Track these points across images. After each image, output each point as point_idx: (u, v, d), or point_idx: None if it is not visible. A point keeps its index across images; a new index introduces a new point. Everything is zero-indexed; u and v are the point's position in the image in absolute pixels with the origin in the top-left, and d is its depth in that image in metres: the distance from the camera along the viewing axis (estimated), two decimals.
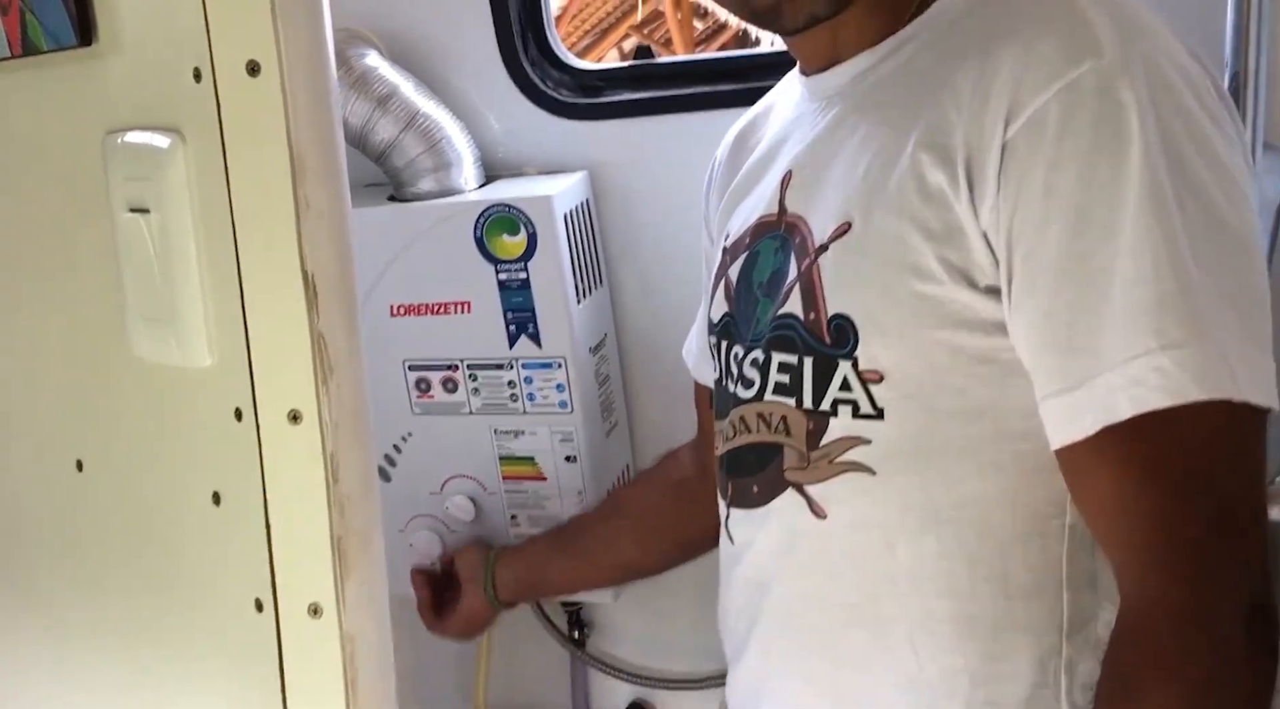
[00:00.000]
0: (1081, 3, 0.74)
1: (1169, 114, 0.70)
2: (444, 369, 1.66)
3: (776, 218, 0.91)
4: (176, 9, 0.67)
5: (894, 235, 0.78)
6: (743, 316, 0.93)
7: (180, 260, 0.70)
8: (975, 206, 0.74)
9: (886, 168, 0.79)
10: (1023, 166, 0.71)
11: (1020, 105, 0.72)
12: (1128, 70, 0.70)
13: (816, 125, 0.90)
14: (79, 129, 0.74)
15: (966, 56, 0.77)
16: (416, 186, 1.64)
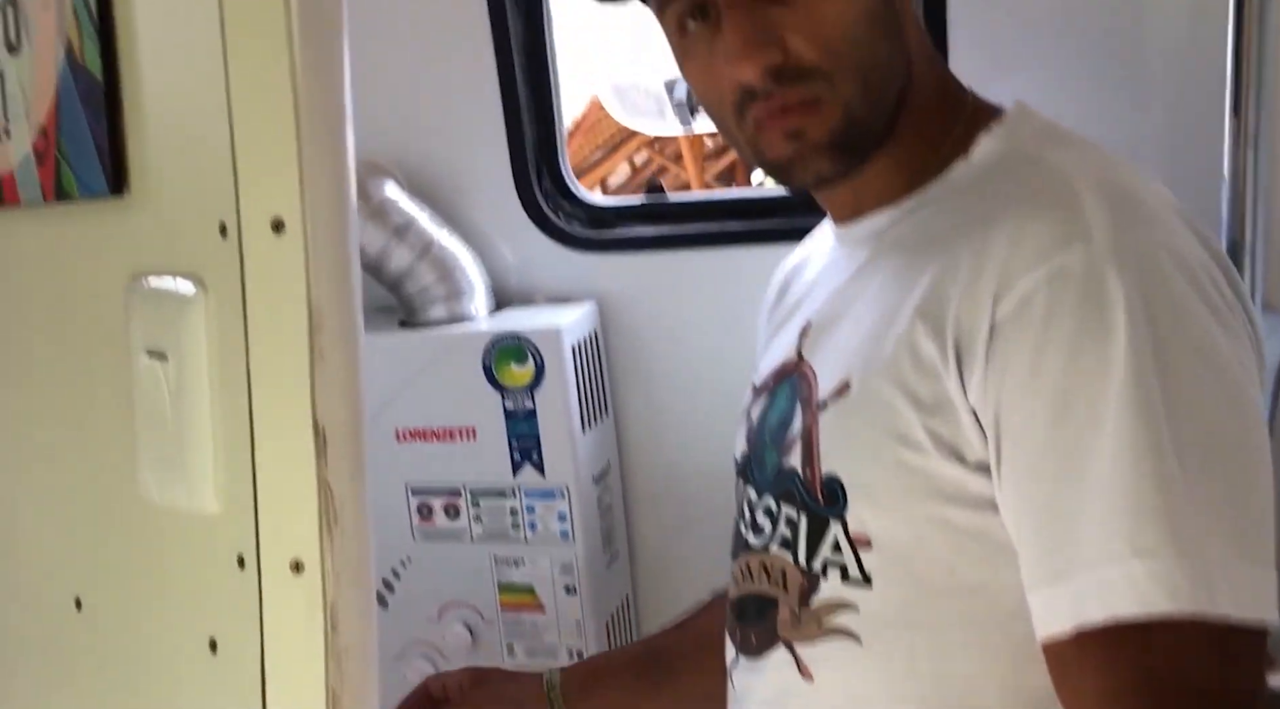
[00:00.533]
0: (1079, 185, 0.74)
1: (1160, 308, 0.68)
2: (446, 495, 1.66)
3: (795, 365, 0.91)
4: (206, 165, 0.69)
5: (886, 402, 0.77)
6: (756, 460, 0.93)
7: (194, 406, 0.71)
8: (964, 382, 0.73)
9: (886, 330, 0.79)
10: (1010, 347, 0.71)
11: (1009, 285, 0.71)
12: (1118, 258, 0.69)
13: (840, 275, 0.91)
14: (104, 273, 0.76)
15: (969, 228, 0.77)
16: (428, 313, 1.66)
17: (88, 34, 0.73)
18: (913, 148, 0.84)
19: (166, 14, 0.72)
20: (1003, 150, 0.82)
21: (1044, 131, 0.83)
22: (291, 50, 0.66)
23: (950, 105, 0.85)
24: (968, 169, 0.82)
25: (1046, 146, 0.80)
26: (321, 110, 0.67)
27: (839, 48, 0.78)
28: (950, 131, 0.84)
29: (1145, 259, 0.69)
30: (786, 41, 0.78)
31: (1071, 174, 0.75)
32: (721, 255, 1.69)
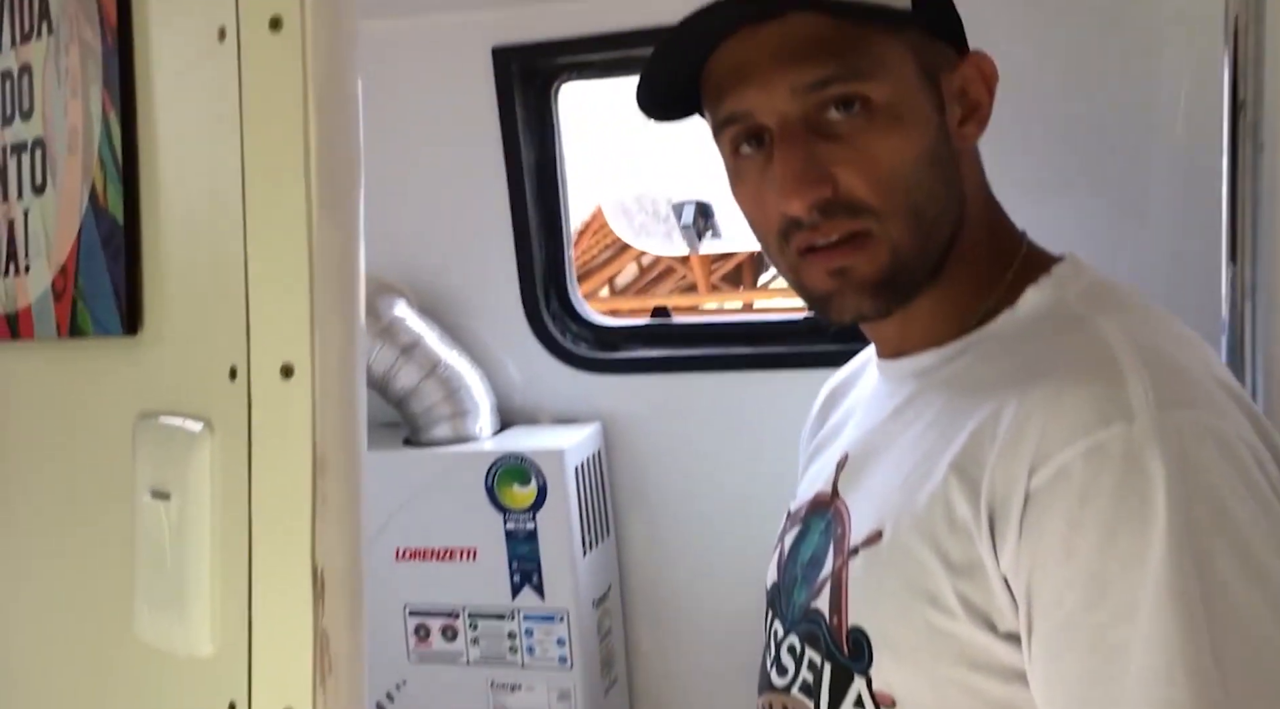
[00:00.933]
0: (1122, 355, 0.72)
1: (1202, 499, 0.66)
2: (445, 616, 1.64)
3: (829, 499, 0.89)
4: (219, 309, 0.70)
5: (918, 559, 0.75)
6: (784, 592, 0.91)
7: (194, 548, 0.71)
8: (996, 549, 0.71)
9: (921, 483, 0.77)
10: (1044, 520, 0.69)
11: (1046, 456, 0.69)
12: (1160, 441, 0.67)
13: (880, 410, 0.89)
14: (113, 410, 0.77)
15: (1009, 385, 0.75)
16: (432, 432, 1.66)
17: (112, 179, 0.75)
18: (961, 291, 0.83)
19: (188, 161, 0.74)
20: (1049, 306, 0.80)
21: (1092, 289, 0.81)
22: (309, 200, 0.67)
23: (1003, 250, 0.84)
24: (1013, 321, 0.81)
25: (1093, 306, 0.79)
26: (336, 260, 0.69)
27: (890, 186, 0.77)
28: (1001, 277, 0.83)
29: (1188, 443, 0.67)
30: (838, 176, 0.77)
31: (1114, 341, 0.73)
32: (726, 379, 1.70)
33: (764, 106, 0.78)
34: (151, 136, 0.74)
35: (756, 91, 0.78)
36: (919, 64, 0.79)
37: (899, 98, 0.77)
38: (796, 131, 0.77)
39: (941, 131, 0.80)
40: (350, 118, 0.70)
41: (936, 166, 0.79)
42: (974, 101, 0.82)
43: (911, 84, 0.78)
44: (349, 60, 0.70)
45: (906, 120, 0.77)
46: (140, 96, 0.74)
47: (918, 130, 0.78)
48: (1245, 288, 1.02)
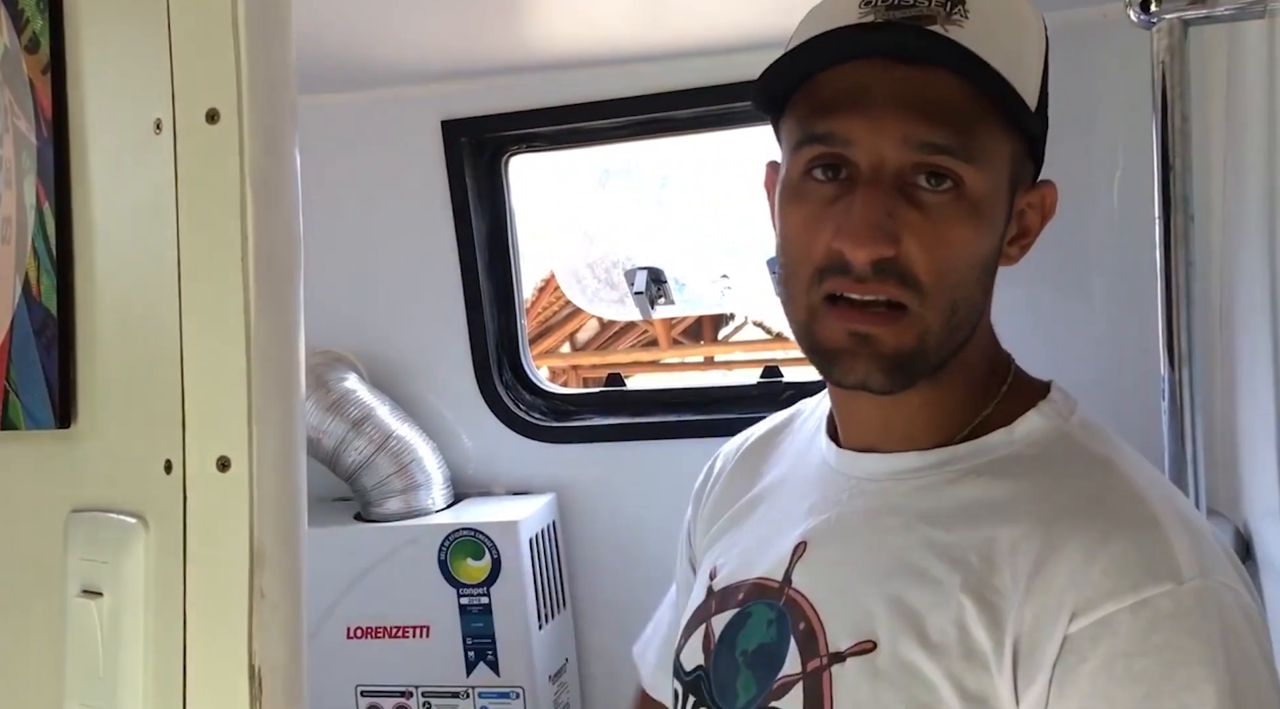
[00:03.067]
0: (1159, 510, 0.72)
1: (1238, 664, 0.68)
2: (397, 696, 1.60)
3: (778, 587, 0.84)
4: (154, 402, 0.69)
5: (926, 679, 0.72)
6: (719, 680, 0.86)
7: (126, 649, 0.69)
8: (1018, 687, 0.70)
9: (927, 599, 0.74)
10: (1083, 669, 0.68)
11: (1089, 605, 0.69)
12: (1205, 605, 0.69)
13: (843, 503, 0.84)
14: (45, 505, 0.75)
15: (1024, 513, 0.74)
16: (384, 507, 1.64)
17: (45, 269, 0.74)
18: (954, 398, 0.81)
19: (124, 253, 0.73)
20: (1050, 433, 0.79)
21: (1089, 424, 0.81)
22: (246, 292, 0.67)
23: (997, 371, 0.83)
24: (1009, 442, 0.79)
25: (1098, 443, 0.79)
26: (274, 351, 0.68)
27: (945, 272, 0.75)
28: (992, 395, 0.82)
29: (1225, 611, 0.69)
30: (902, 240, 0.73)
31: (1147, 494, 0.74)
32: (681, 446, 1.70)
33: (867, 143, 0.74)
34: (87, 227, 0.74)
35: (866, 126, 0.74)
36: (1010, 171, 0.77)
37: (987, 194, 0.75)
38: (884, 181, 0.74)
39: (999, 241, 0.78)
40: (289, 208, 0.69)
41: (984, 272, 0.78)
42: (1026, 226, 0.81)
43: (1000, 186, 0.76)
44: (288, 151, 0.69)
45: (983, 218, 0.75)
46: (75, 187, 0.73)
47: (988, 231, 0.76)
48: (1182, 354, 1.04)
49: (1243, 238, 1.11)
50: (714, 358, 7.22)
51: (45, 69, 0.73)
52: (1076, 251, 1.46)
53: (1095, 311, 1.45)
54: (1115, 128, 1.42)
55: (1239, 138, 1.13)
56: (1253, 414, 1.08)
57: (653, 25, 1.48)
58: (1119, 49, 1.35)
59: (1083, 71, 1.44)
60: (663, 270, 2.07)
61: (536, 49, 1.58)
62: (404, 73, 1.64)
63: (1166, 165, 1.06)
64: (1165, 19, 1.04)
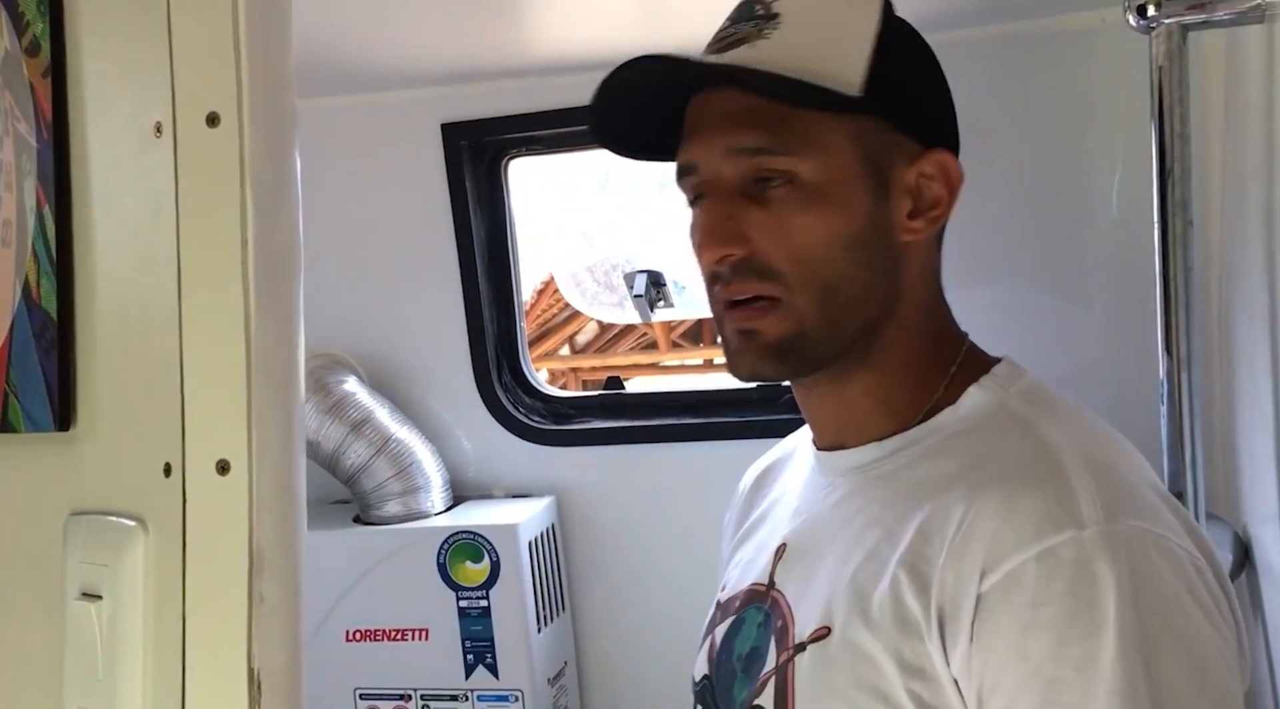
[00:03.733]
0: (1070, 463, 0.74)
1: (1150, 607, 0.68)
2: (396, 699, 1.60)
3: (765, 590, 0.88)
4: (154, 405, 0.69)
5: (868, 655, 0.75)
6: (721, 687, 0.89)
7: (125, 652, 0.69)
8: (946, 651, 0.72)
9: (872, 578, 0.77)
10: (997, 624, 0.70)
11: (997, 560, 0.70)
12: (1109, 548, 0.69)
13: (819, 502, 0.88)
14: (44, 508, 0.75)
15: (954, 483, 0.76)
16: (383, 509, 1.64)
17: (45, 272, 0.74)
18: (898, 385, 0.84)
19: (124, 256, 0.73)
20: (989, 406, 0.81)
21: (1030, 392, 0.83)
22: (246, 294, 0.67)
23: (944, 350, 0.85)
24: (954, 419, 0.82)
25: (1035, 410, 0.80)
26: (274, 354, 0.68)
27: (801, 260, 0.79)
28: (942, 377, 0.84)
29: (1136, 553, 0.69)
30: (754, 241, 0.79)
31: (1061, 449, 0.75)
32: (680, 449, 1.70)
33: (704, 163, 0.81)
34: (87, 230, 0.74)
35: (700, 148, 0.82)
36: (861, 150, 0.80)
37: (827, 179, 0.79)
38: (723, 190, 0.80)
39: (874, 220, 0.80)
40: (289, 211, 0.69)
41: (859, 251, 0.80)
42: (932, 198, 0.82)
43: (845, 169, 0.79)
44: (288, 154, 0.70)
45: (830, 201, 0.79)
46: (76, 191, 0.74)
47: (842, 213, 0.79)
48: (1181, 358, 1.04)
49: (1242, 243, 1.11)
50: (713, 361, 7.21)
51: (46, 72, 0.73)
52: (1075, 256, 1.47)
53: (1094, 316, 1.45)
54: (1114, 133, 1.42)
55: (1238, 143, 1.13)
56: (1252, 419, 1.08)
57: (652, 28, 1.48)
58: (1117, 54, 1.36)
59: (1081, 77, 1.44)
60: (662, 273, 2.07)
61: (536, 52, 1.58)
62: (404, 76, 1.64)
63: (1165, 170, 1.06)
64: (1164, 24, 1.04)
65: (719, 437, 1.66)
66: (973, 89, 0.83)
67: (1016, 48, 1.46)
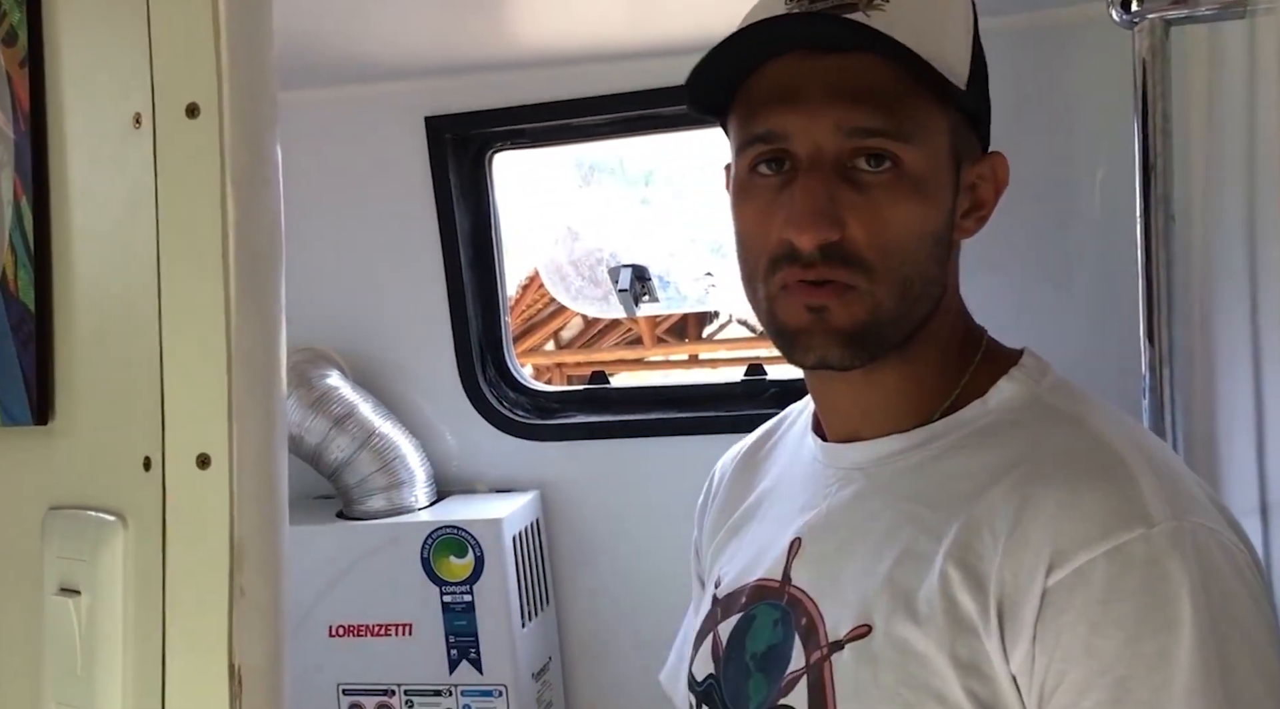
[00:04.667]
0: (1129, 458, 0.73)
1: (1218, 603, 0.68)
2: (380, 695, 1.60)
3: (779, 586, 0.85)
4: (133, 399, 0.69)
5: (919, 654, 0.73)
6: (730, 686, 0.86)
7: (104, 647, 0.68)
8: (1006, 648, 0.71)
9: (915, 575, 0.75)
10: (1063, 621, 0.69)
11: (1064, 556, 0.69)
12: (1179, 546, 0.68)
13: (832, 495, 0.85)
14: (22, 502, 0.74)
15: (1000, 476, 0.74)
16: (367, 504, 1.63)
17: (22, 265, 0.73)
18: (927, 375, 0.82)
19: (103, 248, 0.73)
20: (1023, 399, 0.80)
21: (1062, 386, 0.82)
22: (227, 287, 0.66)
23: (968, 343, 0.84)
24: (984, 412, 0.80)
25: (1072, 403, 0.79)
26: (255, 347, 0.68)
27: (891, 250, 0.76)
28: (965, 368, 0.83)
29: (1202, 551, 0.69)
30: (849, 225, 0.75)
31: (1116, 443, 0.74)
32: (664, 444, 1.70)
33: (803, 135, 0.76)
34: (65, 222, 0.73)
35: (801, 118, 0.76)
36: (952, 145, 0.79)
37: (928, 170, 0.76)
38: (826, 168, 0.75)
39: (949, 216, 0.80)
40: (270, 203, 0.69)
41: (936, 246, 0.79)
42: (980, 199, 0.82)
43: (941, 161, 0.78)
44: (269, 146, 0.69)
45: (926, 194, 0.77)
46: (53, 182, 0.73)
47: (933, 206, 0.77)
48: (1163, 353, 1.04)
49: (1223, 238, 1.12)
50: (698, 356, 7.22)
51: (23, 62, 0.72)
52: (1058, 250, 1.47)
53: (1077, 310, 1.45)
54: (1097, 127, 1.43)
55: (1219, 138, 1.14)
56: (1232, 412, 1.08)
57: (638, 22, 1.47)
58: (1100, 48, 1.36)
59: (1064, 71, 1.45)
60: (647, 268, 2.07)
61: (521, 45, 1.57)
62: (387, 68, 1.63)
63: (1147, 165, 1.06)
64: (1147, 19, 1.04)
65: (703, 431, 1.66)
66: None
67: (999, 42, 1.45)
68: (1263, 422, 0.97)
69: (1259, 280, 0.99)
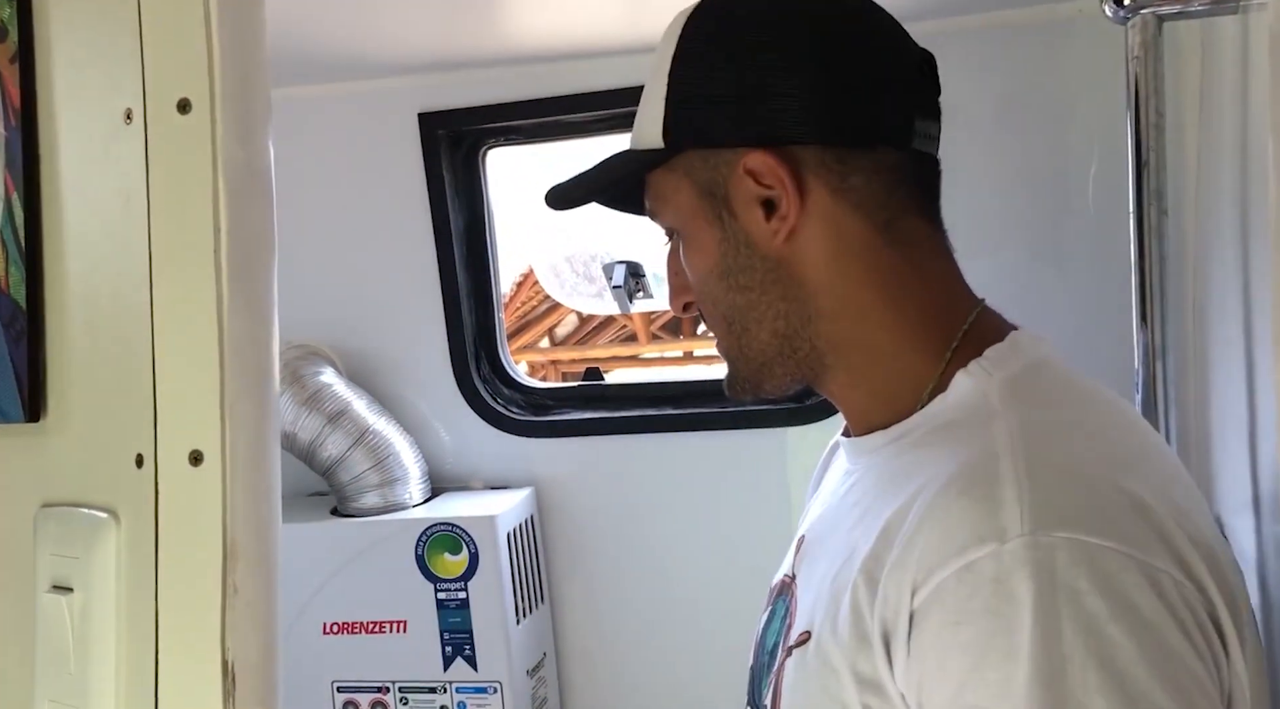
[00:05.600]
0: (1008, 466, 0.67)
1: (1070, 625, 0.62)
2: (374, 692, 1.60)
3: (789, 583, 0.85)
4: (126, 396, 0.68)
5: (833, 666, 0.71)
6: (756, 679, 0.86)
7: (97, 645, 0.68)
8: (891, 666, 0.69)
9: (845, 583, 0.73)
10: (924, 641, 0.66)
11: (926, 574, 0.66)
12: (1029, 563, 0.63)
13: (836, 491, 0.85)
14: (14, 500, 0.74)
15: (916, 486, 0.71)
16: (361, 501, 1.63)
17: (14, 262, 0.73)
18: (881, 376, 0.79)
19: (95, 244, 0.72)
20: (973, 395, 0.75)
21: (1018, 379, 0.76)
22: (219, 283, 0.66)
23: (933, 333, 0.79)
24: (944, 407, 0.77)
25: (1009, 401, 0.74)
26: (247, 343, 0.67)
27: (702, 298, 0.83)
28: (935, 359, 0.78)
29: (1061, 566, 0.63)
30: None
31: (1002, 449, 0.69)
32: (659, 440, 1.70)
33: None
34: (56, 219, 0.73)
35: None
36: (696, 185, 0.80)
37: (683, 223, 0.82)
38: (670, 249, 0.86)
39: (732, 243, 0.79)
40: (263, 199, 0.69)
41: (730, 278, 0.80)
42: (769, 199, 0.77)
43: (687, 208, 0.81)
44: (261, 141, 0.69)
45: (693, 242, 0.82)
46: (45, 178, 0.73)
47: (701, 250, 0.81)
48: (1156, 348, 1.05)
49: (1216, 233, 1.12)
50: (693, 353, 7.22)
51: (13, 57, 0.72)
52: (1051, 246, 1.47)
53: (1069, 305, 1.45)
54: (1090, 123, 1.43)
55: (1212, 133, 1.14)
56: (1225, 408, 1.09)
57: (632, 18, 1.47)
58: (1094, 44, 1.36)
59: (1058, 67, 1.45)
60: (641, 264, 2.07)
61: (515, 41, 1.57)
62: (381, 65, 1.62)
63: (1141, 160, 1.06)
64: (1140, 14, 1.04)
65: (698, 427, 1.67)
66: (948, 80, 0.82)
67: (993, 38, 1.46)
68: (1255, 414, 0.98)
69: (1252, 274, 0.99)
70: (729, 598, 1.63)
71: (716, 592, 1.66)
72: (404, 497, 1.64)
